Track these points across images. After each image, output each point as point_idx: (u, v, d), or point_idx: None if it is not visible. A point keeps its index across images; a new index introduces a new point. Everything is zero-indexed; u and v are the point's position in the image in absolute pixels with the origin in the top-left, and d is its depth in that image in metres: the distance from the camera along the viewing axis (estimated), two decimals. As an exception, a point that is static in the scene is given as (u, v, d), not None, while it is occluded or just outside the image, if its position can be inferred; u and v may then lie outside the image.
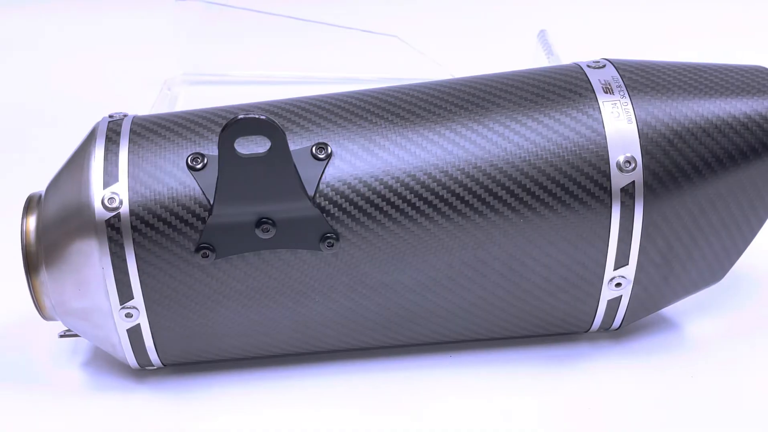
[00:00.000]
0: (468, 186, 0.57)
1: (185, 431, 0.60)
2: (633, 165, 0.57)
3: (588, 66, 0.61)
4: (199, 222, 0.56)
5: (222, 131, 0.52)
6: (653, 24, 1.27)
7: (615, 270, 0.59)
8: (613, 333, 0.66)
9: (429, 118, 0.58)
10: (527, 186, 0.57)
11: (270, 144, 0.53)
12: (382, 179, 0.57)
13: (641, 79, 0.59)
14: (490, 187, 0.57)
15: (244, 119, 0.52)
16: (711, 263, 0.62)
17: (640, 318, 0.64)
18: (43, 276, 0.59)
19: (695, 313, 0.68)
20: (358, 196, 0.57)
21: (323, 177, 0.57)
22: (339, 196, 0.56)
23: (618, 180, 0.57)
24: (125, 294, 0.57)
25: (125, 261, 0.56)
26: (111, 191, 0.56)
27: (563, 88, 0.59)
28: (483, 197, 0.57)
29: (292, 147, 0.57)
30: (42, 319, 0.62)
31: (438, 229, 0.57)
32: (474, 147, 0.57)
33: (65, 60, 1.21)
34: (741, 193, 0.59)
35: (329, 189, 0.56)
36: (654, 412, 0.60)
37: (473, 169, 0.57)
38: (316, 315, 0.60)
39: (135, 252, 0.56)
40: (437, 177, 0.57)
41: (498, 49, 1.16)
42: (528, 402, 0.61)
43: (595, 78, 0.59)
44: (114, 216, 0.56)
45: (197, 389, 0.63)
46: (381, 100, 0.60)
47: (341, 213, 0.56)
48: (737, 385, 0.62)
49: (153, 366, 0.62)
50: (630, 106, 0.58)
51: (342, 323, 0.60)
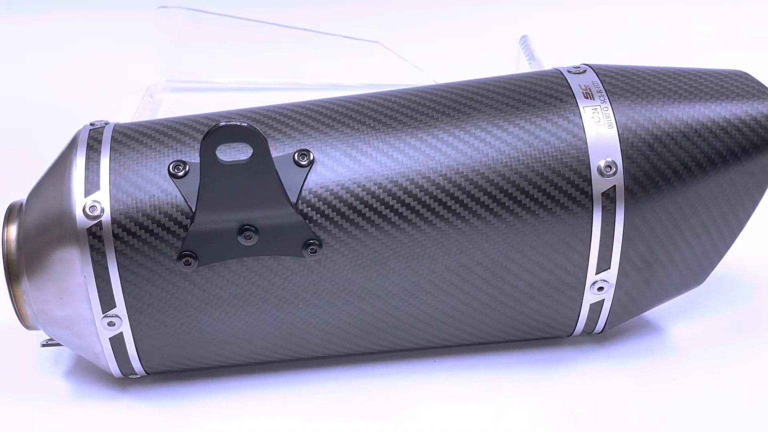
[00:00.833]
0: (450, 191, 0.57)
1: (169, 440, 0.60)
2: (614, 169, 0.57)
3: (569, 71, 0.61)
4: (181, 229, 0.56)
5: (203, 138, 0.52)
6: (634, 29, 1.27)
7: (597, 274, 0.59)
8: (596, 337, 0.66)
9: (411, 124, 0.59)
10: (509, 191, 0.57)
11: (252, 151, 0.53)
12: (364, 185, 0.57)
13: (621, 84, 0.59)
14: (472, 193, 0.57)
15: (225, 126, 0.52)
16: (692, 267, 0.62)
17: (622, 322, 0.64)
18: (25, 285, 0.58)
19: (677, 317, 0.68)
20: (340, 202, 0.57)
21: (305, 183, 0.57)
22: (321, 202, 0.56)
23: (599, 184, 0.57)
24: (107, 302, 0.57)
25: (107, 269, 0.56)
26: (92, 199, 0.56)
27: (544, 93, 0.59)
28: (465, 203, 0.57)
29: (274, 154, 0.57)
30: (24, 329, 0.61)
31: (421, 235, 0.57)
32: (456, 153, 0.58)
33: (47, 68, 1.21)
34: (721, 197, 0.59)
35: (312, 195, 0.56)
36: (637, 415, 0.60)
37: (455, 175, 0.57)
38: (299, 322, 0.60)
39: (117, 260, 0.56)
40: (420, 183, 0.57)
41: (480, 55, 1.16)
42: (512, 406, 0.61)
43: (576, 83, 0.60)
44: (95, 224, 0.56)
45: (181, 397, 0.62)
46: (363, 106, 0.60)
47: (324, 219, 0.56)
48: (719, 388, 0.62)
49: (136, 374, 0.62)
50: (610, 111, 0.58)
51: (326, 329, 0.60)
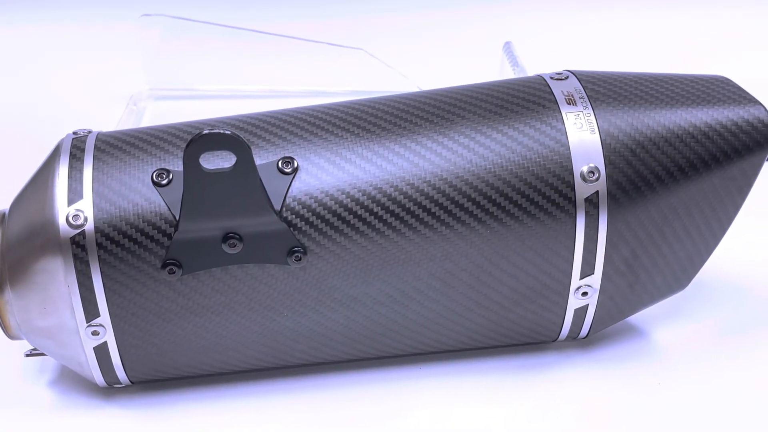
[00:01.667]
0: (434, 198, 0.57)
1: (154, 449, 0.60)
2: (596, 175, 0.57)
3: (551, 78, 0.61)
4: (165, 238, 0.56)
5: (187, 147, 0.52)
6: (616, 36, 1.28)
7: (581, 279, 0.60)
8: (581, 341, 0.66)
9: (395, 131, 0.59)
10: (493, 197, 0.57)
11: (235, 159, 0.53)
12: (348, 192, 0.57)
13: (603, 90, 0.60)
14: (456, 199, 0.57)
15: (208, 134, 0.52)
16: (676, 271, 0.62)
17: (607, 326, 0.64)
18: (8, 294, 0.58)
19: (661, 321, 0.68)
20: (324, 209, 0.57)
21: (290, 191, 0.57)
22: (306, 209, 0.56)
23: (582, 190, 0.57)
24: (91, 312, 0.57)
25: (91, 278, 0.56)
26: (75, 208, 0.56)
27: (527, 100, 0.60)
28: (449, 209, 0.57)
29: (258, 161, 0.57)
30: (7, 339, 0.61)
31: (405, 242, 0.57)
32: (440, 159, 0.58)
33: (30, 77, 1.20)
34: (703, 202, 0.60)
35: (296, 203, 0.56)
36: (622, 419, 0.61)
37: (439, 181, 0.57)
38: (284, 329, 0.60)
39: (101, 269, 0.56)
40: (404, 189, 0.57)
41: (464, 61, 1.17)
42: (498, 411, 0.61)
43: (558, 90, 0.60)
44: (79, 233, 0.56)
45: (166, 406, 0.62)
46: (347, 113, 0.60)
47: (308, 227, 0.56)
48: (703, 392, 0.62)
49: (121, 384, 0.62)
50: (593, 117, 0.58)
51: (311, 337, 0.60)
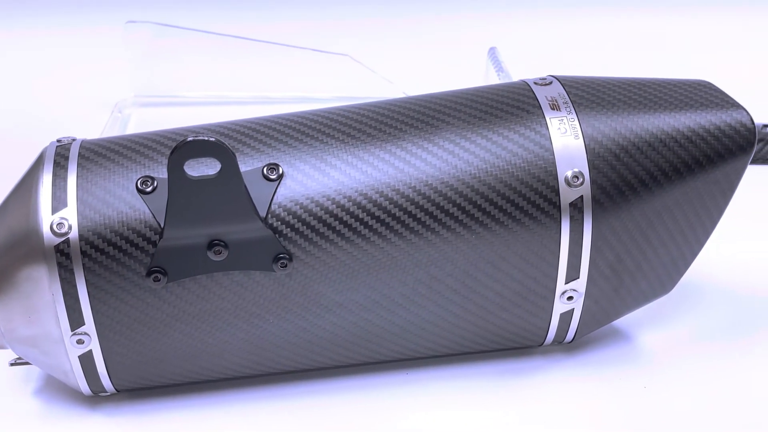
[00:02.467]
0: (420, 204, 0.57)
1: (140, 457, 0.59)
2: (581, 180, 0.57)
3: (535, 83, 0.62)
4: (150, 246, 0.56)
5: (171, 154, 0.52)
6: (599, 41, 1.29)
7: (566, 284, 0.60)
8: (567, 346, 0.66)
9: (379, 137, 0.59)
10: (478, 202, 0.57)
11: (220, 166, 0.53)
12: (334, 198, 0.57)
13: (587, 95, 0.60)
14: (441, 205, 0.57)
15: (193, 141, 0.52)
16: (660, 275, 0.62)
17: (592, 330, 0.65)
18: (-8, 304, 0.58)
19: (646, 325, 0.69)
20: (310, 215, 0.57)
21: (275, 197, 0.57)
22: (291, 216, 0.56)
23: (566, 195, 0.58)
24: (76, 320, 0.56)
25: (75, 287, 0.56)
26: (60, 216, 0.56)
27: (511, 105, 0.60)
28: (435, 214, 0.57)
29: (242, 168, 0.56)
30: (-9, 348, 0.61)
31: (391, 248, 0.57)
32: (425, 165, 0.58)
33: (14, 84, 1.20)
34: (687, 205, 0.60)
35: (281, 209, 0.56)
36: (608, 423, 0.61)
37: (424, 187, 0.57)
38: (270, 336, 0.59)
39: (85, 277, 0.56)
40: (389, 195, 0.57)
41: (449, 66, 1.17)
42: (484, 416, 0.61)
43: (542, 95, 0.60)
44: (63, 241, 0.55)
45: (152, 414, 0.62)
46: (331, 119, 0.60)
47: (294, 233, 0.56)
48: (689, 395, 0.63)
49: (106, 392, 0.62)
50: (577, 122, 0.59)
51: (297, 344, 0.60)
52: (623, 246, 0.59)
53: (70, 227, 0.56)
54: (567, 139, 0.58)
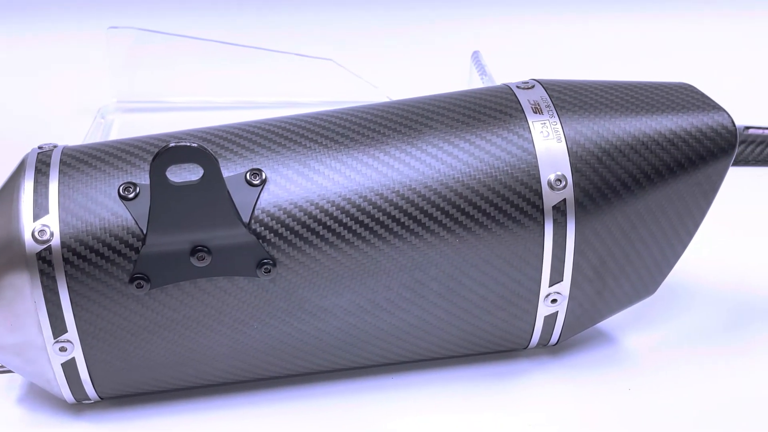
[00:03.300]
0: (403, 208, 0.57)
1: (124, 465, 0.59)
2: (563, 183, 0.58)
3: (517, 87, 0.62)
4: (133, 252, 0.55)
5: (153, 160, 0.52)
6: (581, 44, 1.29)
7: (550, 286, 0.60)
8: (552, 348, 0.66)
9: (363, 141, 0.59)
10: (462, 206, 0.57)
11: (203, 171, 0.53)
12: (317, 203, 0.57)
13: (569, 99, 0.60)
14: (425, 208, 0.57)
15: (175, 147, 0.52)
16: (643, 277, 0.63)
17: (576, 333, 0.65)
18: (-26, 312, 0.57)
19: (631, 327, 0.69)
20: (293, 221, 0.57)
21: (258, 203, 0.56)
22: (275, 221, 0.56)
23: (549, 198, 0.58)
24: (59, 328, 0.56)
25: (57, 294, 0.55)
26: (41, 223, 0.55)
27: (494, 109, 0.60)
28: (418, 219, 0.57)
29: (225, 174, 0.56)
30: (-27, 356, 0.60)
31: (375, 252, 0.57)
32: (408, 169, 0.58)
33: (-4, 90, 1.19)
34: (670, 208, 0.60)
35: (264, 215, 0.56)
36: (593, 425, 0.61)
37: (408, 191, 0.57)
38: (255, 342, 0.59)
39: (67, 285, 0.55)
40: (373, 200, 0.57)
41: (433, 70, 1.17)
42: (470, 419, 0.61)
43: (525, 98, 0.60)
44: (45, 249, 0.55)
45: (136, 422, 0.62)
46: (315, 124, 0.60)
47: (277, 238, 0.56)
48: (673, 396, 0.63)
49: (90, 400, 0.61)
50: (559, 125, 0.59)
51: (282, 349, 0.60)
52: (606, 248, 0.60)
53: (51, 234, 0.55)
54: (549, 143, 0.58)
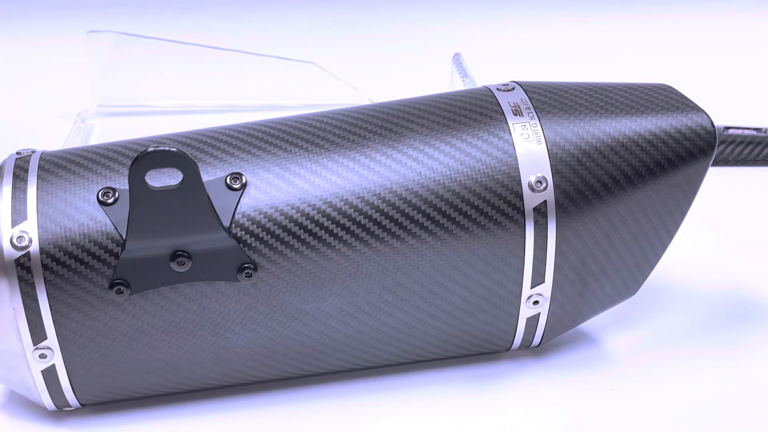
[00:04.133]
0: (384, 211, 0.57)
1: (106, 472, 0.59)
2: (544, 185, 0.58)
3: (498, 89, 0.62)
4: (112, 257, 0.55)
5: (132, 164, 0.52)
6: (561, 46, 1.30)
7: (532, 288, 0.60)
8: (534, 350, 0.67)
9: (343, 144, 0.59)
10: (443, 209, 0.57)
11: (182, 176, 0.53)
12: (298, 207, 0.57)
13: (549, 101, 0.60)
14: (406, 211, 0.57)
15: (154, 152, 0.51)
16: (625, 277, 0.63)
17: (559, 334, 0.65)
18: (-48, 319, 0.57)
19: (612, 328, 0.69)
20: (274, 224, 0.56)
21: (239, 207, 0.56)
22: (255, 225, 0.56)
23: (530, 200, 0.58)
24: (38, 334, 0.56)
25: (37, 300, 0.55)
26: (20, 230, 0.55)
27: (474, 111, 0.60)
28: (400, 221, 0.57)
29: (205, 178, 0.56)
30: (-48, 364, 0.60)
31: (356, 255, 0.57)
32: (389, 172, 0.58)
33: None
34: (650, 208, 0.60)
35: (245, 219, 0.56)
36: (575, 425, 0.61)
37: (389, 194, 0.57)
38: (237, 347, 0.59)
39: (47, 291, 0.55)
40: (353, 203, 0.57)
41: (415, 73, 1.17)
42: (454, 422, 0.61)
43: (505, 101, 0.60)
44: (24, 255, 0.55)
45: (117, 428, 0.61)
46: (295, 128, 0.60)
47: (258, 242, 0.56)
48: (655, 397, 0.63)
49: (71, 407, 0.61)
50: (539, 127, 0.59)
51: (264, 354, 0.60)
52: (587, 250, 0.60)
53: (30, 240, 0.55)
54: (530, 145, 0.58)
